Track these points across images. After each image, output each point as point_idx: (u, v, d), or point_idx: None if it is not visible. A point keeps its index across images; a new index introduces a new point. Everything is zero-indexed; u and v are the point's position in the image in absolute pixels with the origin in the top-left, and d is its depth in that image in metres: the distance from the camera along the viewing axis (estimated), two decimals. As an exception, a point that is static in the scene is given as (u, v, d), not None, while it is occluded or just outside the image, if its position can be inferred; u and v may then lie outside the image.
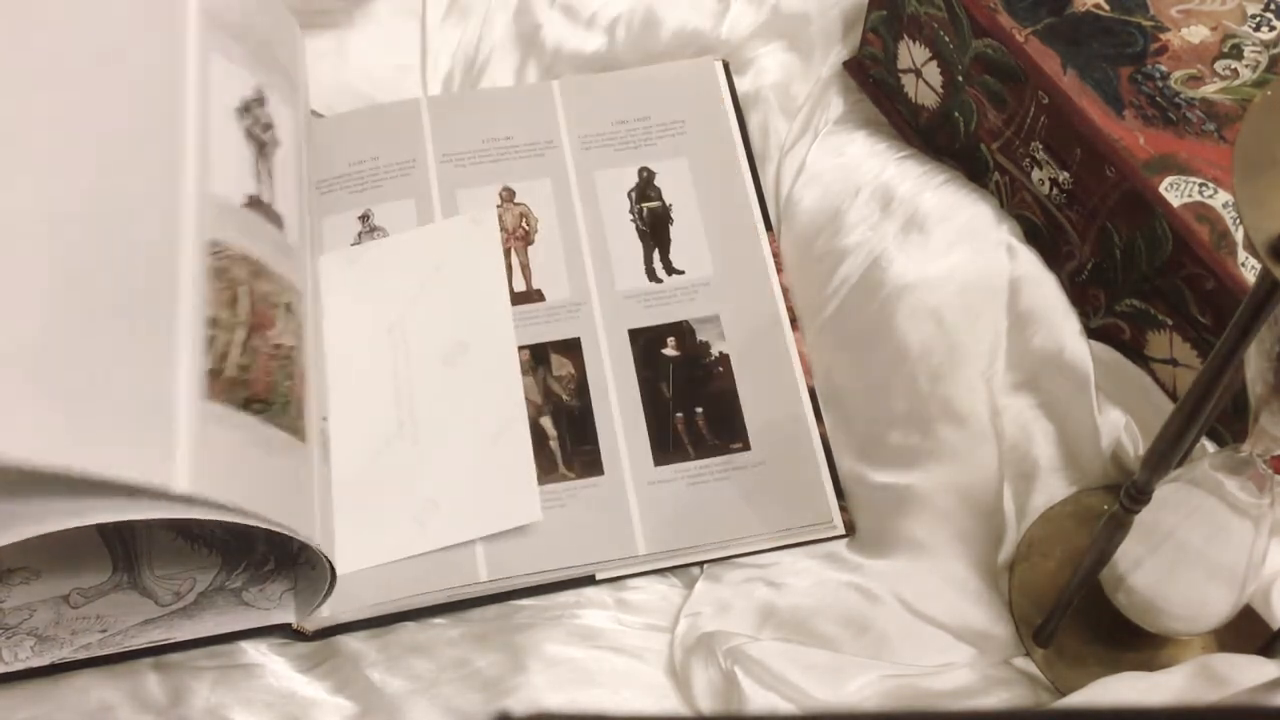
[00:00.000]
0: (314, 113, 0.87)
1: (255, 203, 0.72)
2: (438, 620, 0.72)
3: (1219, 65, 0.72)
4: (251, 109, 0.74)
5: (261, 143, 0.74)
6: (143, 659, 0.70)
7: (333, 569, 0.68)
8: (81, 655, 0.69)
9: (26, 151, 0.62)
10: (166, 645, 0.70)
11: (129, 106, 0.67)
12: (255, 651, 0.71)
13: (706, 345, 0.80)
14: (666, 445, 0.77)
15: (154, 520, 0.59)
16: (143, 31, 0.69)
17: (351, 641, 0.71)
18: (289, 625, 0.71)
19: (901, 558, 0.73)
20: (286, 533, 0.64)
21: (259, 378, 0.66)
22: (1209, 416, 0.57)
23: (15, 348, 0.57)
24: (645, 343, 0.80)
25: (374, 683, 0.69)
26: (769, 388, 0.79)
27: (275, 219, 0.72)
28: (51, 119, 0.63)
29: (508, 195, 0.84)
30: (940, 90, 0.81)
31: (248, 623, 0.71)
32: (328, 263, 0.81)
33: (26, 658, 0.69)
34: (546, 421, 0.77)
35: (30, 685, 0.69)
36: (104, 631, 0.69)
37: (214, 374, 0.63)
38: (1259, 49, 0.73)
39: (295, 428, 0.67)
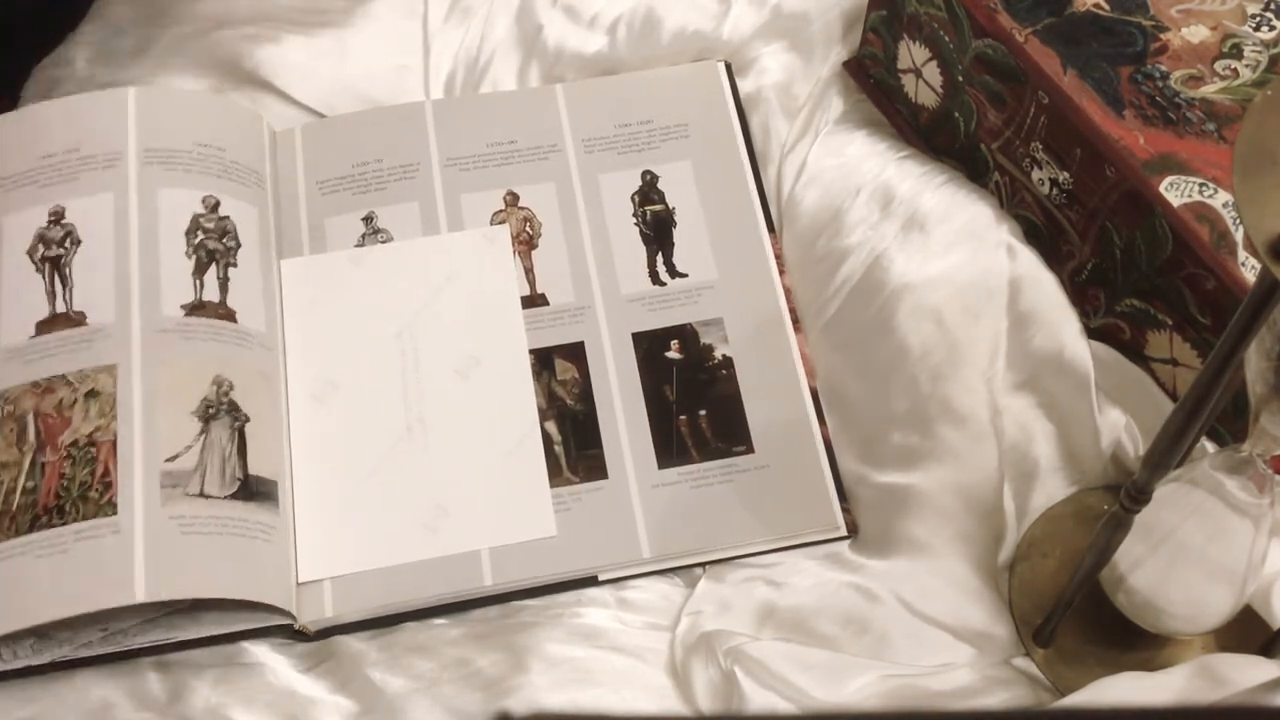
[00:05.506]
0: (315, 113, 0.88)
1: (49, 323, 0.75)
2: (438, 620, 0.72)
3: (1219, 65, 0.72)
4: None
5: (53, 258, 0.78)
6: (143, 658, 0.70)
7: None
8: (82, 654, 0.70)
9: None
10: (168, 645, 0.71)
11: None
12: (256, 651, 0.71)
13: (710, 348, 0.80)
14: (670, 448, 0.77)
15: None
16: None
17: (352, 641, 0.71)
18: (290, 625, 0.71)
19: (902, 558, 0.73)
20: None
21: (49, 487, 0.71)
22: (1209, 416, 0.57)
23: None
24: (649, 346, 0.80)
25: (374, 682, 0.69)
26: (772, 390, 0.79)
27: (74, 322, 0.75)
28: None
29: (511, 200, 0.84)
30: (940, 90, 0.81)
31: (249, 623, 0.71)
32: (330, 261, 0.81)
33: (26, 656, 0.69)
34: (551, 426, 0.77)
35: (30, 684, 0.69)
36: (104, 631, 0.69)
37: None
38: (1259, 49, 0.73)
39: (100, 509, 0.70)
